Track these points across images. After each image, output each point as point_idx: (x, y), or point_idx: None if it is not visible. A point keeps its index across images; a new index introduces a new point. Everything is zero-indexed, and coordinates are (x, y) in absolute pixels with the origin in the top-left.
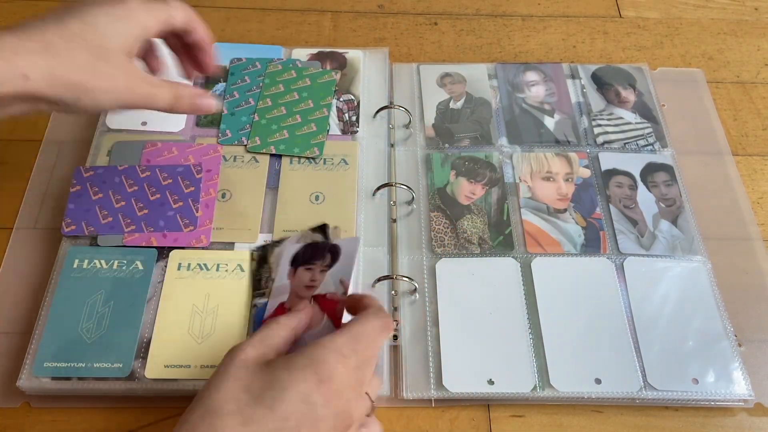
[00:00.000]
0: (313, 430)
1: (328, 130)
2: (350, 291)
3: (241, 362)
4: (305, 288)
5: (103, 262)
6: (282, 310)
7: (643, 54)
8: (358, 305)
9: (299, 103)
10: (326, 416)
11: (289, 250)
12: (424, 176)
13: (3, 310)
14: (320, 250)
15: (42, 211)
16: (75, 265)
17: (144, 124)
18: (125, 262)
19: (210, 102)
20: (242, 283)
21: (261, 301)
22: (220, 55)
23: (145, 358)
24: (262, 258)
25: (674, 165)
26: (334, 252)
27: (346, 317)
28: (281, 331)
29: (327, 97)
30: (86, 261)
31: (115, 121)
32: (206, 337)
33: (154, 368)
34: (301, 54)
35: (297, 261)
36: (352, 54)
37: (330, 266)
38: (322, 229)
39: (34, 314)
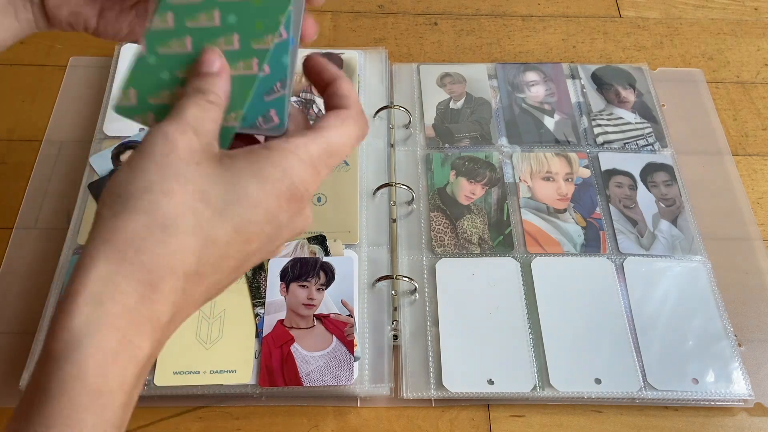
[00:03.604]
0: (268, 249)
1: (263, 115)
2: (355, 310)
3: (188, 155)
4: (304, 306)
5: None
6: (281, 328)
7: (643, 54)
8: (334, 91)
9: (218, 35)
10: (285, 236)
11: (275, 263)
12: (424, 176)
13: (3, 310)
14: (310, 266)
15: (42, 211)
16: None
17: (142, 130)
18: None
19: None
20: (247, 287)
21: (262, 311)
22: None
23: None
24: (257, 265)
25: (674, 165)
26: (327, 270)
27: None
28: (213, 113)
29: (266, 33)
30: None
31: (113, 128)
32: (214, 342)
33: (163, 375)
34: (298, 55)
35: (287, 276)
36: (349, 54)
37: (327, 285)
38: (320, 239)
39: (35, 314)
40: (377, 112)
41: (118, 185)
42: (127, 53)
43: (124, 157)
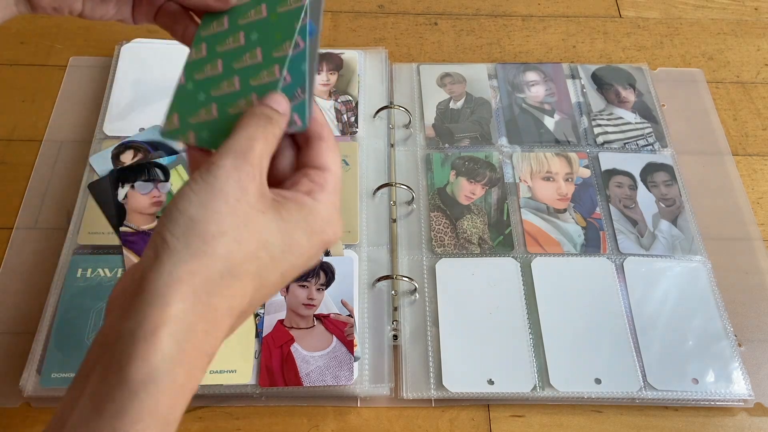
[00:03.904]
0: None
1: (288, 121)
2: (355, 311)
3: (256, 200)
4: (304, 306)
5: (106, 270)
6: (281, 328)
7: (643, 54)
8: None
9: (243, 52)
10: (309, 268)
11: None
12: (424, 176)
13: (3, 310)
14: None
15: (42, 211)
16: (78, 275)
17: (141, 129)
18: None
19: None
20: None
21: (261, 311)
22: None
23: None
24: None
25: (674, 165)
26: (327, 270)
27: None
28: (271, 147)
29: (284, 41)
30: (89, 270)
31: (113, 128)
32: None
33: None
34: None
35: None
36: (349, 54)
37: (327, 285)
38: None
39: (35, 314)
40: (377, 112)
41: (190, 220)
42: (127, 53)
43: (124, 157)
